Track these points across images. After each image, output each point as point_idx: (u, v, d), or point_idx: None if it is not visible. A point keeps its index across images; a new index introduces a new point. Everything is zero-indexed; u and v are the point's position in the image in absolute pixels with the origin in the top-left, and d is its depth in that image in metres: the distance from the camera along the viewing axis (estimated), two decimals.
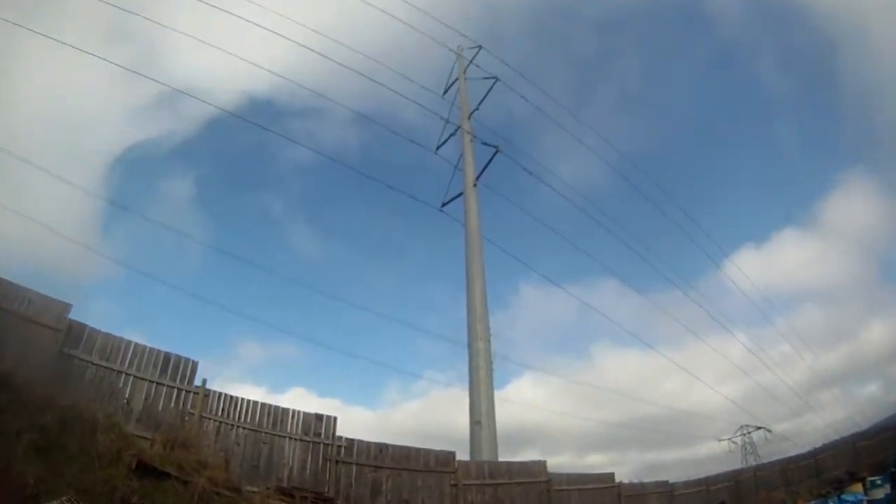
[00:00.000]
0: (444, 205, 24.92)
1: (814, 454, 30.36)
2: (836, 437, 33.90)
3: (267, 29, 15.37)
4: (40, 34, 9.79)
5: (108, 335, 10.89)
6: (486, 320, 19.65)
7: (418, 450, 14.66)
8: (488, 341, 19.10)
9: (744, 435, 52.94)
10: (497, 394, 18.21)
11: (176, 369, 11.72)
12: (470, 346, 19.10)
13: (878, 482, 20.43)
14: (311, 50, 18.36)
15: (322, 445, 13.08)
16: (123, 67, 10.99)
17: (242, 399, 12.59)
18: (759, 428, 51.36)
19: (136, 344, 11.30)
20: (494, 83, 24.27)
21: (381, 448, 14.08)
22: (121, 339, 11.10)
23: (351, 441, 13.62)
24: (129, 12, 11.65)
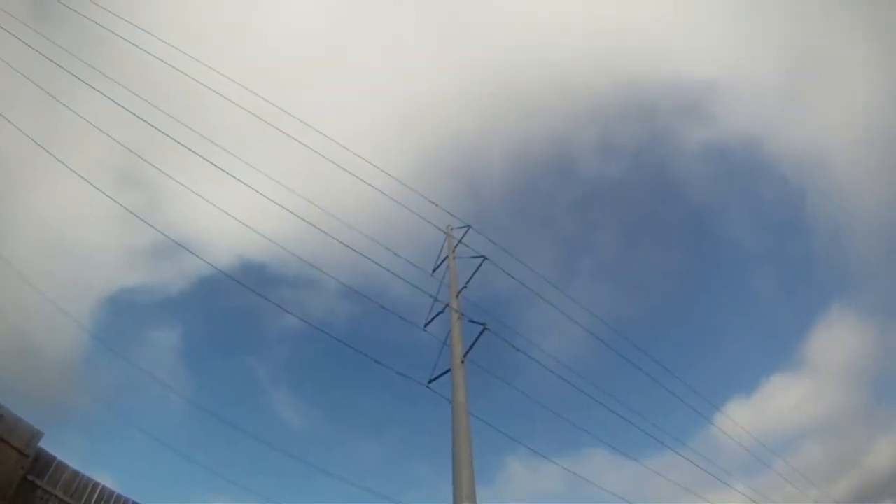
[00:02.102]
0: (431, 381, 24.60)
1: None
2: None
3: (262, 195, 16.53)
4: (57, 159, 10.59)
5: (75, 472, 10.28)
6: (472, 497, 18.53)
7: None
8: None
9: None
10: None
11: None
12: None
13: None
14: (304, 220, 19.48)
15: None
16: (129, 211, 11.69)
17: None
18: None
19: (104, 487, 10.64)
20: (483, 262, 25.34)
21: None
22: (89, 478, 10.47)
23: None
24: (141, 158, 12.67)
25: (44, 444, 9.83)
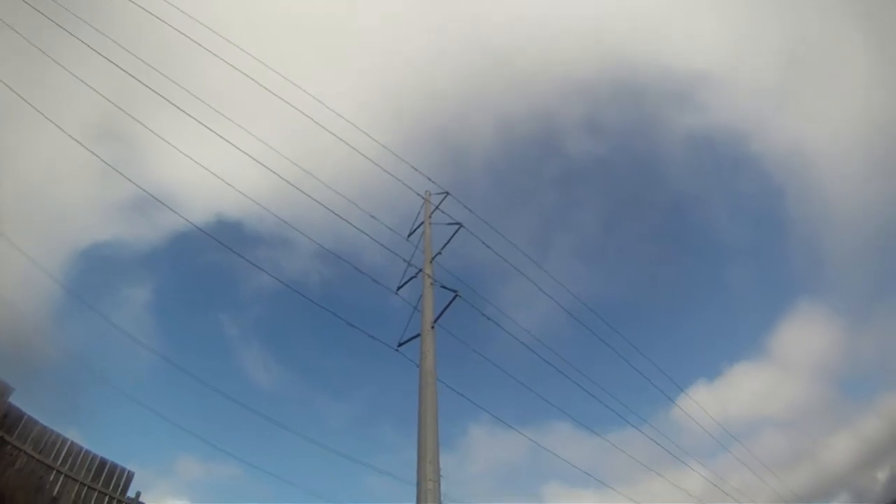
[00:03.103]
0: (400, 345, 24.87)
1: None
2: None
3: (242, 151, 16.29)
4: (38, 111, 10.28)
5: (45, 428, 10.31)
6: (436, 461, 18.98)
7: None
8: (438, 482, 18.35)
9: None
10: None
11: (110, 476, 11.05)
12: (419, 485, 18.27)
13: None
14: (283, 178, 19.30)
15: None
16: (108, 165, 11.44)
17: None
18: None
19: (73, 443, 10.70)
20: (458, 229, 25.43)
21: None
22: (58, 435, 10.51)
23: None
24: (123, 111, 12.35)
25: (13, 400, 9.81)
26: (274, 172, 18.61)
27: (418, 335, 25.74)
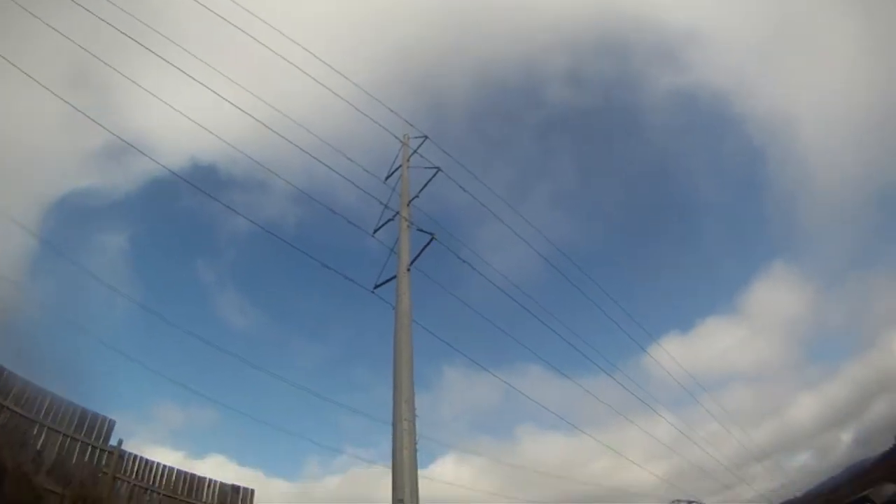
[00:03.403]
0: (376, 287, 25.11)
1: None
2: None
3: (216, 93, 15.82)
4: (6, 59, 9.83)
5: (26, 382, 10.36)
6: (412, 401, 19.52)
7: None
8: (413, 421, 18.97)
9: None
10: (421, 472, 17.91)
11: (92, 426, 11.20)
12: (394, 425, 18.85)
13: None
14: (257, 120, 18.86)
15: None
16: (80, 111, 11.05)
17: (158, 463, 12.06)
18: (690, 502, 51.54)
19: (54, 395, 10.79)
20: (436, 173, 25.32)
21: None
22: (38, 388, 10.58)
23: None
24: (91, 54, 11.86)
25: None
26: (248, 114, 18.15)
27: (394, 277, 25.99)
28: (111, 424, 11.54)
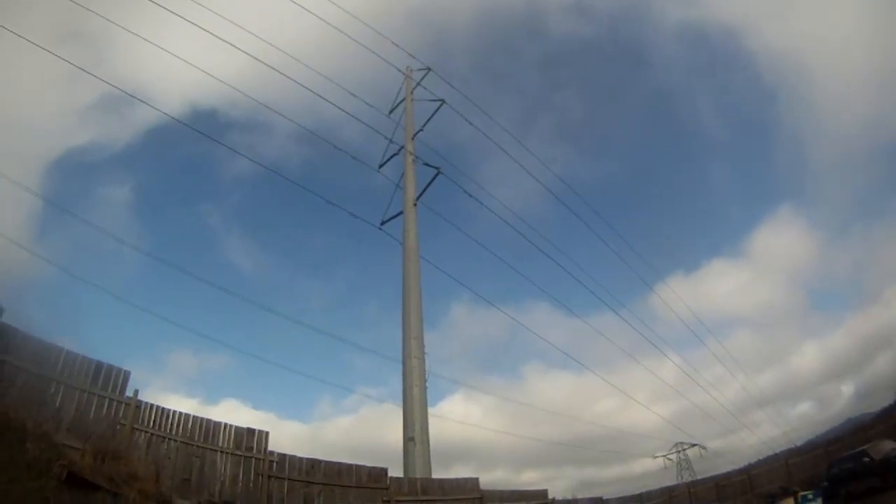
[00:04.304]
0: (383, 223, 25.12)
1: (747, 470, 31.68)
2: (769, 453, 35.58)
3: (213, 34, 15.33)
4: None
5: (40, 341, 10.56)
6: (421, 338, 19.93)
7: (350, 465, 14.73)
8: (422, 359, 19.38)
9: (679, 452, 54.70)
10: (430, 410, 18.48)
11: (108, 379, 11.48)
12: (404, 363, 19.32)
13: (810, 497, 21.76)
14: (257, 59, 18.34)
15: (254, 460, 13.02)
16: (74, 65, 10.75)
17: (174, 411, 12.41)
18: (693, 445, 53.27)
19: (69, 352, 11.01)
20: (441, 105, 24.80)
21: (313, 464, 14.09)
22: (53, 345, 10.80)
23: (283, 456, 13.59)
24: (81, 6, 11.44)
25: (5, 319, 9.93)
26: (248, 54, 17.67)
27: (401, 213, 25.92)
28: (126, 376, 11.82)
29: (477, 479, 17.52)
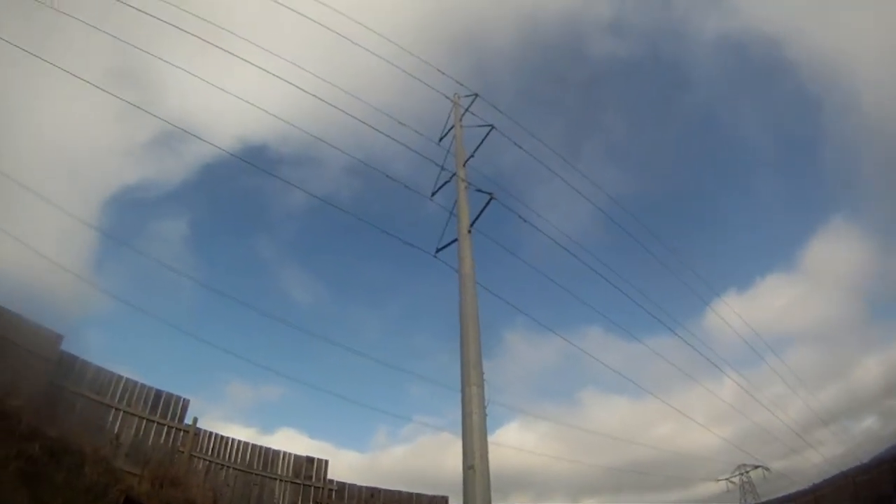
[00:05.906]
0: (438, 251, 24.93)
1: (813, 490, 29.86)
2: (834, 472, 33.39)
3: (261, 68, 15.65)
4: (48, 62, 9.91)
5: (99, 368, 10.71)
6: (479, 365, 19.39)
7: (410, 494, 14.31)
8: (482, 385, 18.85)
9: (742, 474, 51.97)
10: (489, 438, 17.88)
11: (167, 406, 11.52)
12: (463, 390, 18.80)
13: None
14: (307, 92, 18.66)
15: (313, 488, 12.79)
16: (129, 103, 11.10)
17: (233, 439, 12.34)
18: (756, 467, 50.44)
19: (128, 379, 11.12)
20: (490, 130, 24.69)
21: (373, 492, 13.75)
22: (112, 373, 10.93)
23: (342, 484, 13.32)
24: (133, 46, 11.87)
25: (65, 347, 10.12)
26: (299, 88, 17.97)
27: (455, 240, 25.61)
28: (186, 404, 11.85)
29: None
